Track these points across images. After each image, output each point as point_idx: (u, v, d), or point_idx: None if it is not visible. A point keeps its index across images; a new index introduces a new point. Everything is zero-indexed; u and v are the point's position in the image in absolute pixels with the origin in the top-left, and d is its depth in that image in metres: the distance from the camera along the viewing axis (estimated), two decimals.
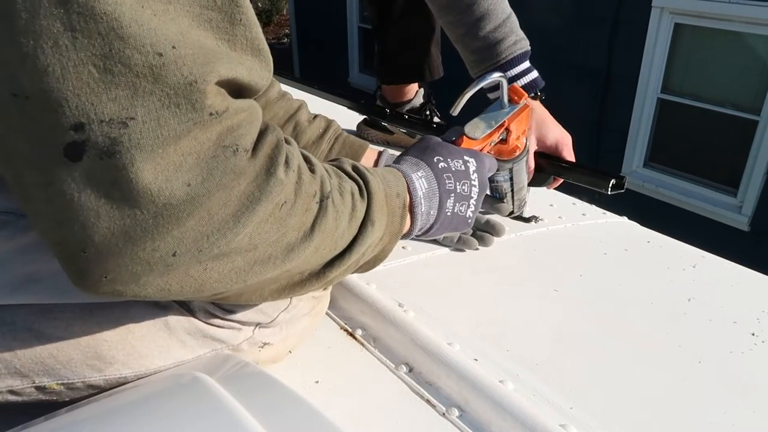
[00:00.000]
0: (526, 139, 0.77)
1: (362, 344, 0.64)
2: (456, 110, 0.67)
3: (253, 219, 0.38)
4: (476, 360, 0.59)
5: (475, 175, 0.63)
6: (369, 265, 0.57)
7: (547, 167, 0.91)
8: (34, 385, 0.47)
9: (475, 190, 0.63)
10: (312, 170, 0.45)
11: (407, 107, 1.39)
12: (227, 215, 0.37)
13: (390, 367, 0.60)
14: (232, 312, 0.52)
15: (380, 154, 0.84)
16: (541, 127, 0.93)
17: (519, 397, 0.53)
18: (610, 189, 0.84)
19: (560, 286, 0.76)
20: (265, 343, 0.56)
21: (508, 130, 0.72)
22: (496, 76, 0.68)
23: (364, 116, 1.36)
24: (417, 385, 0.58)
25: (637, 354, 0.64)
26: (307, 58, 8.00)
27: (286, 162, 0.41)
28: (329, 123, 0.84)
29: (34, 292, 0.45)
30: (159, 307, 0.50)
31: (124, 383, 0.50)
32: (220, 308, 0.52)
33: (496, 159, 0.72)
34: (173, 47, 0.32)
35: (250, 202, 0.38)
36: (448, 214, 0.61)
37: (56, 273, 0.44)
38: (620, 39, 4.50)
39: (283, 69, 1.87)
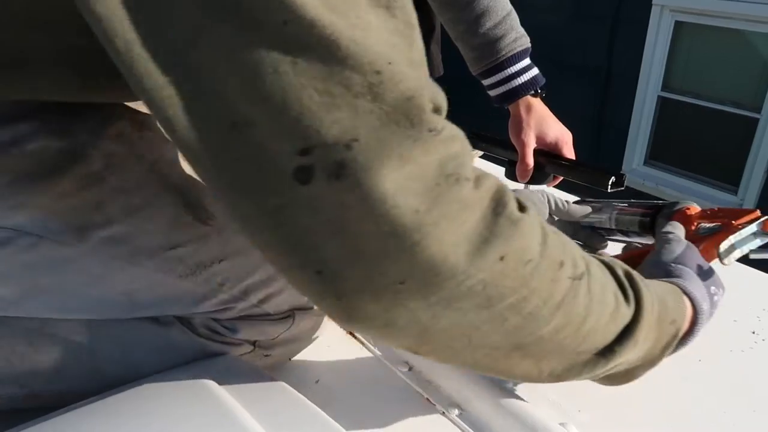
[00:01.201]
0: None
1: (362, 343, 0.64)
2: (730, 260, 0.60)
3: (484, 263, 0.35)
4: None
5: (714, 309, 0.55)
6: (603, 380, 0.49)
7: (547, 165, 0.91)
8: (32, 393, 0.48)
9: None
10: (558, 239, 0.41)
11: None
12: (456, 250, 0.34)
13: (390, 366, 0.60)
14: (234, 330, 0.52)
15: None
16: (542, 125, 0.93)
17: (519, 396, 0.53)
18: (610, 186, 0.84)
19: None
20: (265, 355, 0.56)
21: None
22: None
23: None
24: (417, 384, 0.58)
25: None
26: None
27: (521, 208, 0.37)
28: None
29: (33, 306, 0.46)
30: (160, 325, 0.51)
31: None
32: (222, 326, 0.52)
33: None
34: (389, 63, 0.31)
35: (481, 243, 0.34)
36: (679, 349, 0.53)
37: (55, 290, 0.45)
38: (620, 37, 4.49)
39: None
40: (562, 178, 0.94)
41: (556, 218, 0.80)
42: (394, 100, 0.31)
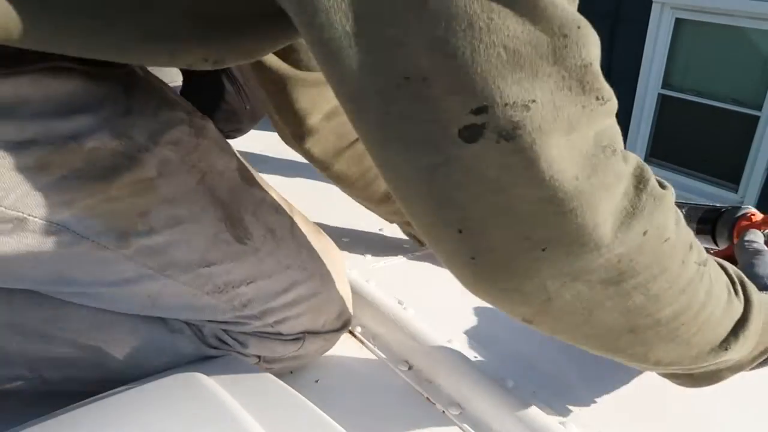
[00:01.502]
0: None
1: (362, 342, 0.64)
2: None
3: (628, 237, 0.34)
4: (476, 357, 0.59)
5: None
6: (686, 379, 0.48)
7: None
8: (39, 378, 0.50)
9: None
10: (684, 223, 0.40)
11: None
12: (607, 221, 0.33)
13: (389, 364, 0.60)
14: (244, 345, 0.52)
15: None
16: None
17: (519, 395, 0.53)
18: None
19: None
20: (268, 368, 0.57)
21: None
22: None
23: None
24: (417, 384, 0.58)
25: None
26: None
27: (662, 185, 0.37)
28: None
29: (56, 290, 0.47)
30: (170, 330, 0.51)
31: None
32: (232, 338, 0.52)
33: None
34: (578, 27, 0.31)
35: (627, 216, 0.34)
36: None
37: (83, 283, 0.46)
38: (621, 34, 4.49)
39: None
40: None
41: None
42: (573, 65, 0.31)
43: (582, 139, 0.32)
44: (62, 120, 0.40)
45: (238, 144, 0.83)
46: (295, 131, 0.71)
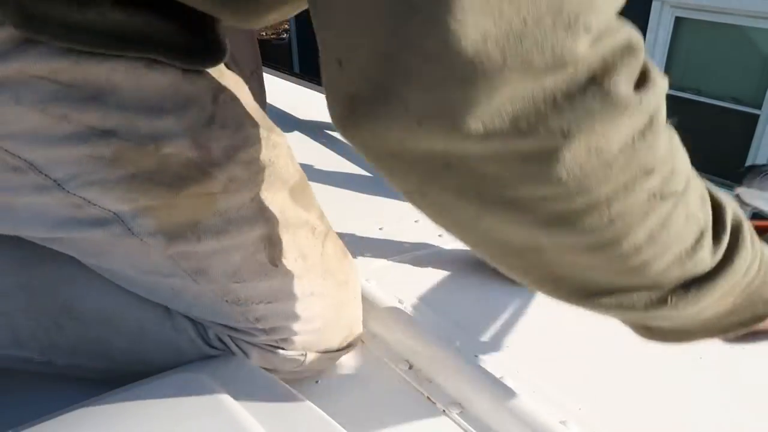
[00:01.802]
0: None
1: (361, 341, 0.64)
2: None
3: (536, 133, 0.26)
4: (476, 357, 0.59)
5: None
6: (641, 330, 0.41)
7: None
8: (48, 361, 0.52)
9: None
10: (670, 142, 0.31)
11: None
12: (508, 107, 0.25)
13: (390, 364, 0.60)
14: (246, 355, 0.53)
15: None
16: None
17: (519, 394, 0.53)
18: None
19: None
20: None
21: None
22: None
23: None
24: (417, 383, 0.58)
25: (637, 349, 0.64)
26: (306, 54, 7.98)
27: (641, 85, 0.27)
28: None
29: (93, 262, 0.48)
30: (174, 330, 0.52)
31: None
32: (236, 344, 0.53)
33: None
34: None
35: (544, 107, 0.25)
36: None
37: (119, 265, 0.47)
38: None
39: (282, 65, 1.87)
40: None
41: None
42: None
43: None
44: (146, 118, 0.40)
45: None
46: None
